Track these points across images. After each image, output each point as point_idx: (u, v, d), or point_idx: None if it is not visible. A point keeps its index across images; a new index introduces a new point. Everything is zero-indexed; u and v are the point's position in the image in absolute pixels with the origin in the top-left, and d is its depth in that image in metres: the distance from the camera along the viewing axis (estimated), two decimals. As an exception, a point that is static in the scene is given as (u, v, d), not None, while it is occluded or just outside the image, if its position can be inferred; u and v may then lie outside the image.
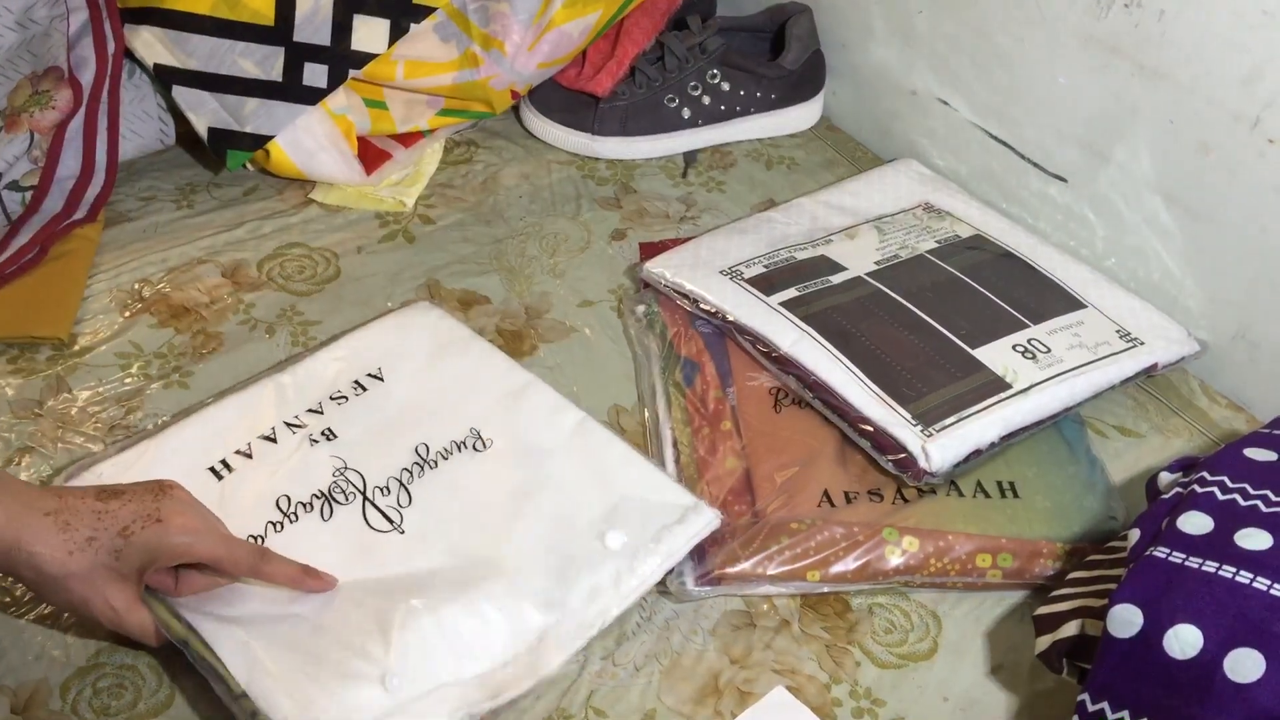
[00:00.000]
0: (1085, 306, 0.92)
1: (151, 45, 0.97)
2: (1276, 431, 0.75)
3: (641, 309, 0.93)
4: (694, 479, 0.81)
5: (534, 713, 0.69)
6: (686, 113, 1.13)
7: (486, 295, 0.96)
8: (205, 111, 0.99)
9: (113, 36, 0.95)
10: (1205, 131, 0.87)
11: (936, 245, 0.97)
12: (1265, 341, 0.90)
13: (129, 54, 0.98)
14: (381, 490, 0.76)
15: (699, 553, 0.76)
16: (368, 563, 0.72)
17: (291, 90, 0.99)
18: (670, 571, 0.75)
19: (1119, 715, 0.62)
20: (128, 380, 0.86)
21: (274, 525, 0.74)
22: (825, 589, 0.76)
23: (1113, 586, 0.64)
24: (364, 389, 0.83)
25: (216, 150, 1.00)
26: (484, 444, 0.80)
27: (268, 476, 0.76)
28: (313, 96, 1.00)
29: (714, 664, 0.72)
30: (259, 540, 0.73)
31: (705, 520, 0.75)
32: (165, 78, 0.98)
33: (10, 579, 0.71)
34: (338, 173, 1.03)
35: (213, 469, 0.76)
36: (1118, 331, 0.90)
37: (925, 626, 0.76)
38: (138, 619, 0.65)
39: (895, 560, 0.76)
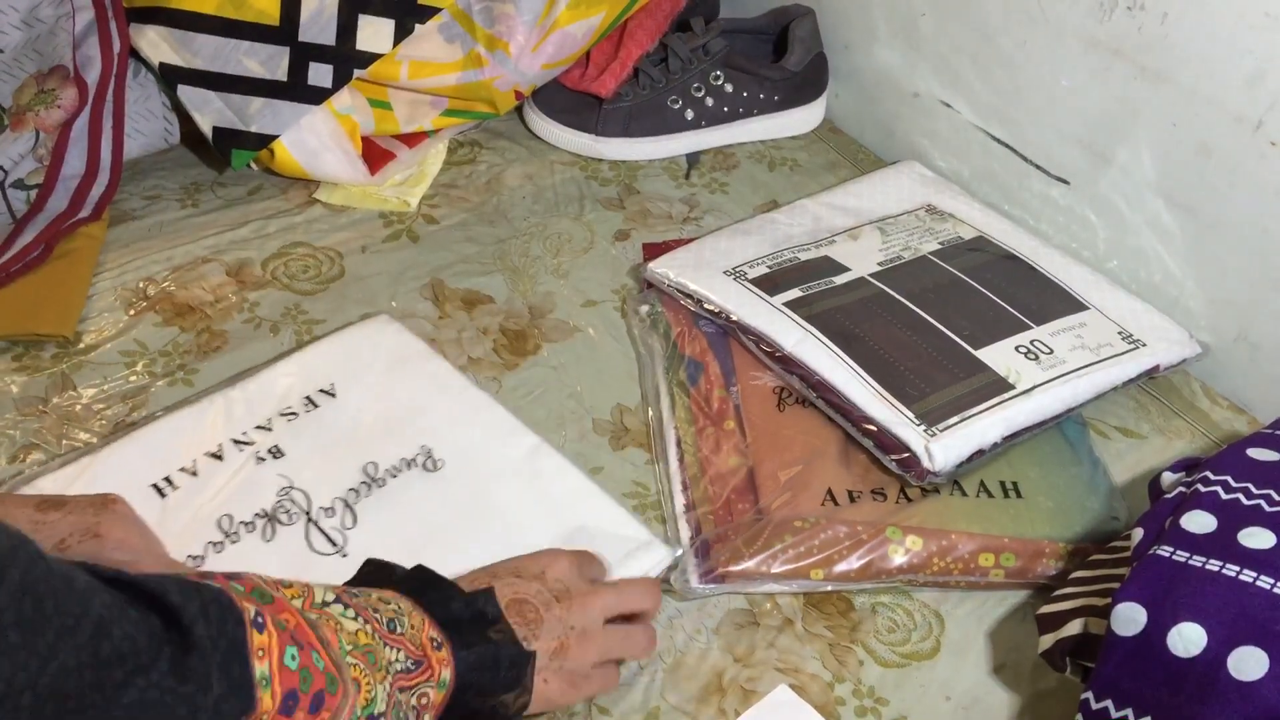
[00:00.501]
0: (1087, 308, 0.92)
1: (157, 44, 0.98)
2: (1278, 432, 0.75)
3: (645, 309, 0.93)
4: (698, 477, 0.81)
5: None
6: (690, 114, 1.13)
7: (490, 295, 0.97)
8: (210, 111, 0.99)
9: (118, 35, 0.96)
10: (1207, 134, 0.87)
11: (939, 247, 0.97)
12: (1267, 343, 0.90)
13: (134, 53, 0.98)
14: (326, 511, 0.74)
15: (703, 550, 0.76)
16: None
17: (296, 90, 0.99)
18: (673, 568, 0.75)
19: (1122, 713, 0.62)
20: (132, 378, 0.86)
21: (214, 545, 0.72)
22: (828, 587, 0.76)
23: (1116, 585, 0.65)
24: (315, 405, 0.81)
25: (221, 149, 1.01)
26: (435, 464, 0.78)
27: (211, 495, 0.74)
28: (317, 96, 1.00)
29: (717, 662, 0.72)
30: (198, 561, 0.71)
31: (656, 558, 0.74)
32: (170, 77, 0.98)
33: None
34: (342, 172, 1.03)
35: (156, 486, 0.75)
36: (1120, 333, 0.90)
37: (928, 626, 0.76)
38: None
39: (898, 559, 0.76)
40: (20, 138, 0.92)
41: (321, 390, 0.82)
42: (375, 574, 0.63)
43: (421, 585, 0.61)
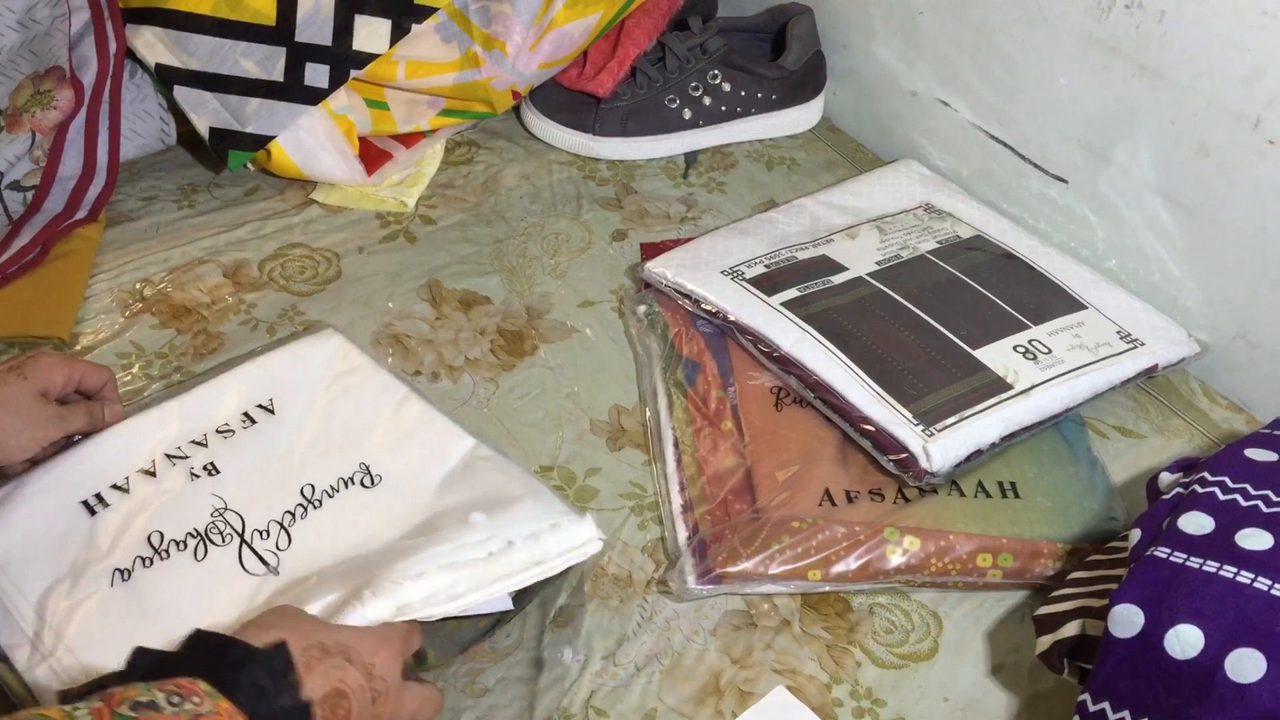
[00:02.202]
0: (1086, 307, 0.92)
1: (153, 45, 0.97)
2: (1277, 432, 0.75)
3: (643, 309, 0.93)
4: (695, 478, 0.81)
5: (535, 712, 0.69)
6: (687, 113, 1.13)
7: (488, 295, 0.97)
8: (207, 111, 0.99)
9: (114, 36, 0.95)
10: (1206, 132, 0.87)
11: (937, 246, 0.97)
12: (1265, 342, 0.90)
13: (130, 54, 0.98)
14: (261, 533, 0.72)
15: (700, 550, 0.76)
16: (236, 605, 0.68)
17: (293, 90, 0.99)
18: (674, 567, 0.75)
19: (1120, 715, 0.62)
20: (128, 380, 0.86)
21: (143, 560, 0.70)
22: (826, 588, 0.76)
23: (1113, 586, 0.64)
24: (253, 421, 0.79)
25: (218, 150, 1.00)
26: (373, 480, 0.76)
27: (141, 508, 0.73)
28: (314, 97, 1.00)
29: (715, 664, 0.72)
30: (125, 574, 0.70)
31: (585, 533, 0.70)
32: (167, 78, 0.98)
33: None
34: (339, 173, 1.03)
35: (86, 503, 0.73)
36: (1118, 332, 0.90)
37: (926, 626, 0.76)
38: (67, 412, 0.74)
39: (896, 560, 0.76)
40: (16, 139, 0.92)
41: (260, 406, 0.80)
42: (155, 664, 0.54)
43: (215, 662, 0.54)
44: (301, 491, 0.75)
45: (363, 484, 0.76)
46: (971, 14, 1.02)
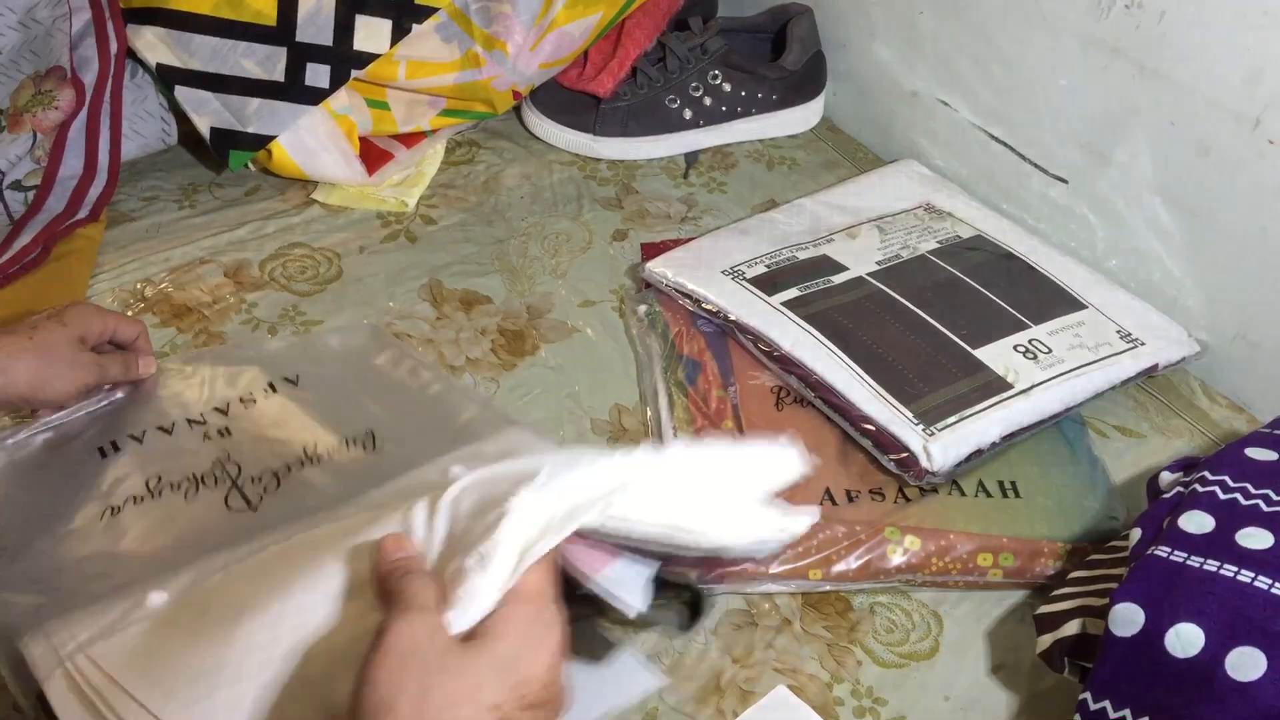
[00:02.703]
0: (1086, 307, 0.92)
1: (154, 45, 0.97)
2: (1277, 431, 0.75)
3: (643, 309, 0.93)
4: (696, 478, 0.81)
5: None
6: (688, 113, 1.13)
7: (488, 295, 0.97)
8: (207, 111, 0.99)
9: (115, 36, 0.95)
10: (1206, 132, 0.87)
11: (937, 245, 0.97)
12: (1265, 342, 0.90)
13: (131, 54, 0.98)
14: (254, 479, 0.76)
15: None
16: (210, 538, 0.70)
17: (293, 90, 0.99)
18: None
19: (1120, 714, 0.62)
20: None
21: (134, 499, 0.74)
22: (827, 587, 0.76)
23: (1114, 585, 0.65)
24: (275, 391, 0.83)
25: (219, 150, 1.00)
26: (374, 443, 0.79)
27: (149, 462, 0.77)
28: (315, 97, 1.00)
29: (715, 663, 0.72)
30: (115, 510, 0.73)
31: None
32: (168, 78, 0.98)
33: None
34: (339, 173, 1.03)
35: (100, 448, 0.77)
36: (1118, 332, 0.90)
37: (926, 626, 0.76)
38: (105, 360, 0.78)
39: (897, 559, 0.76)
40: (18, 139, 0.92)
41: (285, 379, 0.84)
42: None
43: None
44: (303, 449, 0.78)
45: (364, 446, 0.79)
46: (971, 14, 1.02)
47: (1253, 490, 0.67)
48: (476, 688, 0.47)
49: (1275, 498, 0.66)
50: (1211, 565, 0.62)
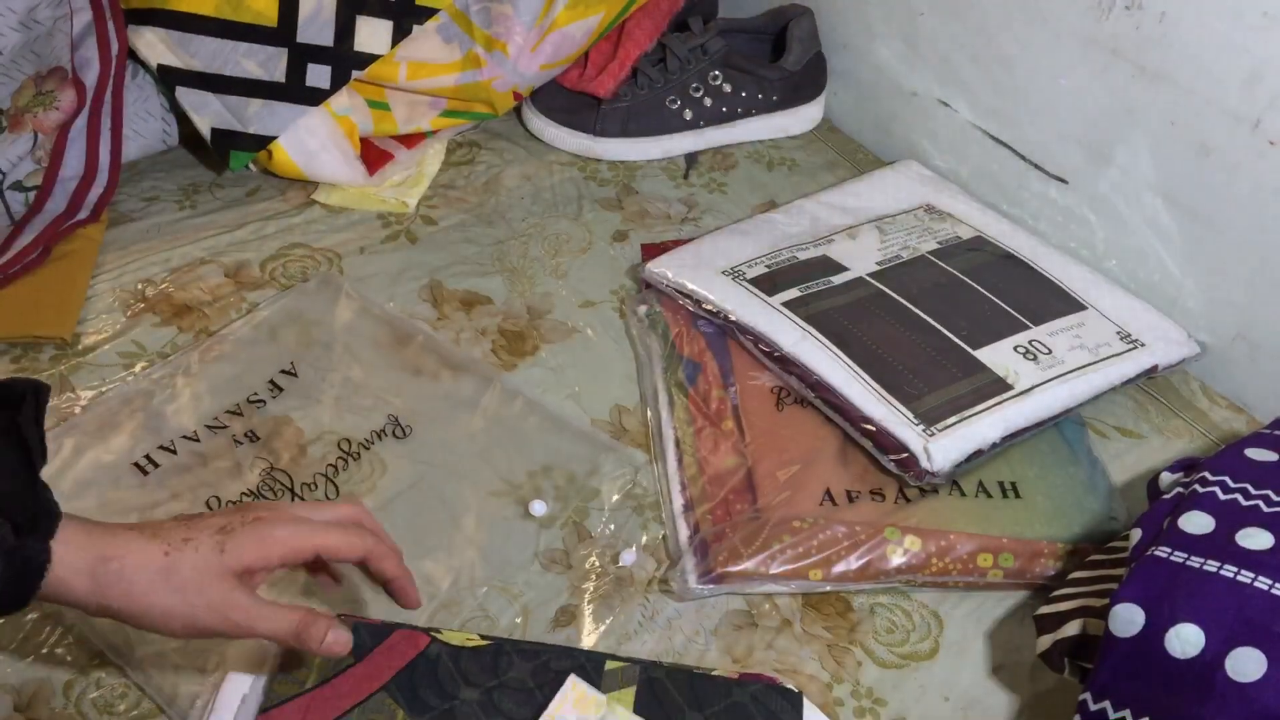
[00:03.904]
0: (1086, 308, 0.92)
1: (155, 46, 0.97)
2: (1277, 432, 0.75)
3: (643, 309, 0.93)
4: (696, 477, 0.81)
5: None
6: (688, 114, 1.13)
7: (489, 296, 0.97)
8: (208, 112, 0.99)
9: (116, 37, 0.95)
10: (1206, 133, 0.87)
11: (938, 246, 0.97)
12: (1265, 343, 0.90)
13: (132, 54, 0.98)
14: (309, 486, 0.79)
15: (701, 550, 0.76)
16: None
17: (294, 91, 0.99)
18: (675, 566, 0.75)
19: (1120, 715, 0.62)
20: (131, 379, 0.86)
21: None
22: (827, 588, 0.76)
23: (1114, 586, 0.65)
24: (280, 389, 0.85)
25: (219, 151, 1.01)
26: (404, 431, 0.83)
27: (196, 472, 0.78)
28: (315, 97, 1.00)
29: (716, 663, 0.72)
30: None
31: (634, 464, 0.79)
32: (169, 78, 0.98)
33: (93, 618, 0.60)
34: (340, 173, 1.03)
35: (137, 464, 0.78)
36: (1118, 333, 0.90)
37: (927, 626, 0.76)
38: (268, 613, 0.57)
39: (897, 560, 0.76)
40: (18, 139, 0.92)
41: (283, 371, 0.86)
42: None
43: None
44: (339, 446, 0.81)
45: (395, 435, 0.82)
46: (972, 14, 1.02)
47: (1253, 491, 0.67)
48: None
49: (1275, 498, 0.66)
50: (1212, 566, 0.62)
